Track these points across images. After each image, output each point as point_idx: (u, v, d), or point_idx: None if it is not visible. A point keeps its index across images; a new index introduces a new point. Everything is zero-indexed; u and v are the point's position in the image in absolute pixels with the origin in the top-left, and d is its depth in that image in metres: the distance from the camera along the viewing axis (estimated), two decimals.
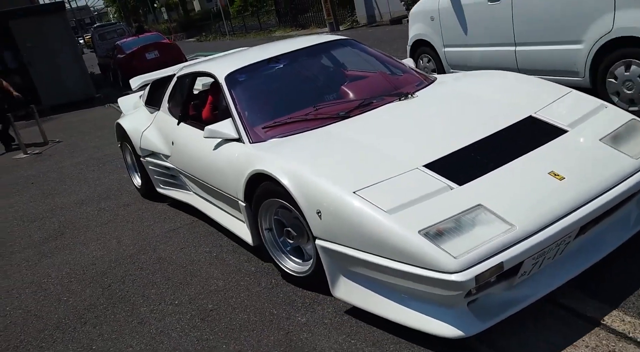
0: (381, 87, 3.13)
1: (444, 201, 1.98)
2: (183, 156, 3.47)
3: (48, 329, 2.70)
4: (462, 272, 1.74)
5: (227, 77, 3.12)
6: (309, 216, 2.21)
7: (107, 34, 19.79)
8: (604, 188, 2.04)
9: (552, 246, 1.90)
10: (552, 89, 2.74)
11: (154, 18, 45.63)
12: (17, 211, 4.83)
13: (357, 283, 2.14)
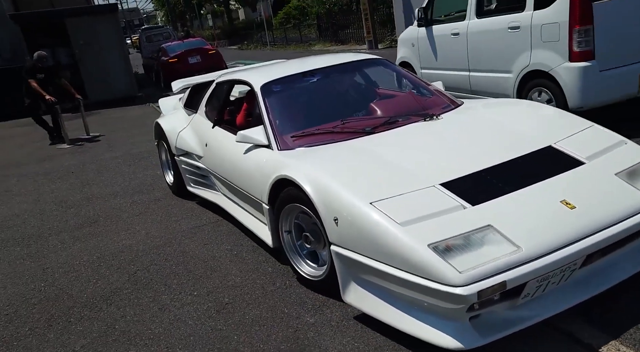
0: (408, 107, 3.28)
1: (456, 218, 2.10)
2: (215, 158, 3.68)
3: (77, 306, 2.91)
4: (466, 287, 1.84)
5: (263, 86, 3.32)
6: (327, 222, 2.35)
7: (154, 37, 20.57)
8: (614, 220, 2.11)
9: (556, 271, 1.99)
10: (575, 122, 2.85)
11: (200, 24, 47.01)
12: (56, 197, 5.14)
13: (366, 290, 2.26)
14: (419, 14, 6.10)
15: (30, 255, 3.76)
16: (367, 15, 17.28)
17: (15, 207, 4.99)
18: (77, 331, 2.66)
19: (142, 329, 2.59)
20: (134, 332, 2.57)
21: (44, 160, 7.01)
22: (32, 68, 7.77)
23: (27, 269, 3.51)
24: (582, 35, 4.10)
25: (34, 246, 3.91)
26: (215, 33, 38.21)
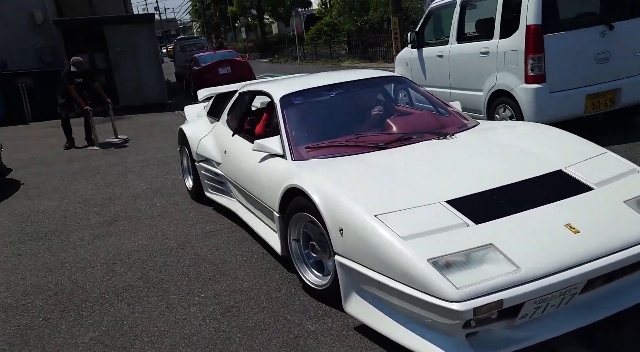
0: (423, 125, 3.34)
1: (458, 235, 2.12)
2: (232, 165, 3.78)
3: (89, 300, 3.02)
4: (462, 303, 1.85)
5: (282, 98, 3.42)
6: (332, 233, 2.40)
7: (187, 47, 21.13)
8: (618, 247, 2.09)
9: (555, 293, 1.98)
10: (588, 148, 2.84)
11: (233, 36, 48.07)
12: (81, 196, 5.32)
13: (367, 301, 2.28)
14: (411, 37, 6.73)
15: (50, 249, 3.90)
16: (396, 34, 17.38)
17: (42, 203, 5.19)
18: (87, 324, 2.75)
19: (149, 326, 2.66)
20: (141, 329, 2.65)
21: (73, 160, 7.26)
22: (70, 73, 8.06)
23: (46, 263, 3.64)
24: (535, 62, 4.82)
25: (55, 241, 4.06)
26: (248, 46, 38.99)
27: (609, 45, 4.99)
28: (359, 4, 24.28)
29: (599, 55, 4.99)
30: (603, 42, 4.98)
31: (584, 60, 4.95)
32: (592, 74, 4.98)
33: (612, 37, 4.98)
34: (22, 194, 5.63)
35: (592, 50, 4.96)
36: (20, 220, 4.70)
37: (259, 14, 39.49)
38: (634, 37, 5.11)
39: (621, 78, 5.05)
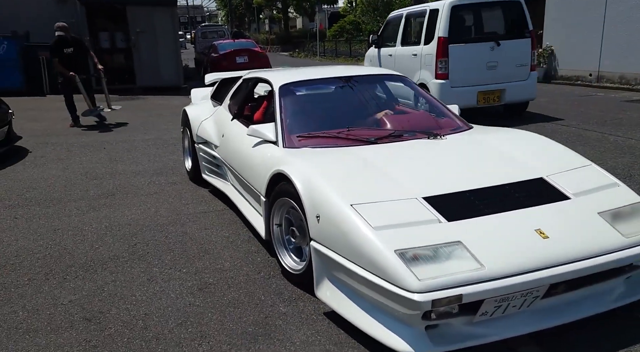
0: (416, 124, 3.40)
1: (429, 231, 2.18)
2: (228, 148, 3.86)
3: (75, 266, 3.10)
4: (422, 294, 1.91)
5: (281, 87, 3.48)
6: (310, 219, 2.47)
7: (209, 34, 21.30)
8: (584, 256, 2.13)
9: (517, 294, 2.03)
10: (573, 159, 2.89)
11: (257, 27, 48.20)
12: (84, 168, 5.43)
13: (337, 288, 2.36)
14: (372, 39, 8.90)
15: (46, 215, 4.00)
16: None
17: (46, 172, 5.31)
18: (69, 288, 2.83)
19: (127, 295, 2.74)
20: (120, 296, 2.72)
21: (82, 134, 7.39)
22: (57, 43, 7.38)
23: (40, 227, 3.74)
24: (442, 64, 6.82)
25: (52, 208, 4.17)
26: (270, 38, 39.08)
27: (497, 57, 7.04)
28: (383, 5, 24.23)
29: (489, 64, 7.03)
30: (492, 54, 7.02)
31: (478, 66, 6.95)
32: (484, 77, 6.97)
33: (499, 51, 7.02)
34: (28, 162, 5.76)
35: (484, 59, 7.00)
36: (22, 186, 4.82)
37: (284, 7, 39.57)
38: (515, 53, 7.16)
39: (505, 82, 7.08)
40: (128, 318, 2.50)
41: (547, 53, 12.68)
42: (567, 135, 6.34)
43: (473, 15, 7.37)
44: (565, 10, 12.31)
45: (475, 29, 7.35)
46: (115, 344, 2.30)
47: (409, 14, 7.97)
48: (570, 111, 8.14)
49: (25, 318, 2.53)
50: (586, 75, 11.79)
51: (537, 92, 7.62)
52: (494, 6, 7.48)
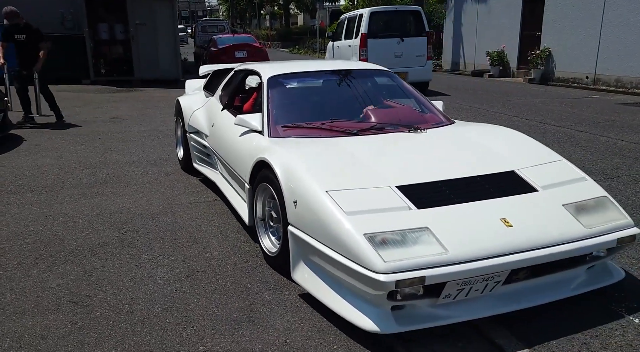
0: (399, 118, 3.47)
1: (399, 217, 2.28)
2: (217, 138, 3.93)
3: (64, 251, 3.13)
4: (386, 275, 2.01)
5: (270, 78, 3.56)
6: (288, 204, 2.56)
7: (209, 28, 21.25)
8: (544, 244, 2.24)
9: (478, 278, 2.13)
10: (546, 154, 2.98)
11: (258, 23, 48.11)
12: (79, 157, 5.45)
13: (312, 271, 2.46)
14: (328, 34, 13.77)
15: (39, 202, 4.03)
16: None
17: (40, 160, 5.33)
18: (58, 272, 2.86)
19: (115, 280, 2.77)
20: (107, 281, 2.76)
21: (78, 124, 7.40)
22: (8, 28, 6.71)
23: (32, 213, 3.77)
24: (363, 52, 10.04)
25: (44, 195, 4.19)
26: (270, 34, 39.02)
27: (401, 49, 10.36)
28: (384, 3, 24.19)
29: (396, 53, 10.28)
30: (398, 47, 10.34)
31: (388, 54, 10.10)
32: (392, 62, 9.50)
33: (403, 45, 10.35)
34: (22, 149, 5.77)
35: (392, 50, 10.27)
36: (16, 173, 4.84)
37: (285, 3, 39.52)
38: (415, 47, 10.45)
39: (408, 67, 10.15)
40: (115, 302, 2.54)
41: (544, 55, 12.74)
42: (559, 135, 6.39)
43: (386, 19, 10.86)
44: (563, 12, 12.36)
45: (386, 28, 10.66)
46: (101, 326, 2.33)
47: (348, 18, 11.51)
48: (564, 112, 8.20)
49: (12, 300, 2.56)
50: (583, 78, 11.85)
51: (533, 93, 8.24)
52: (400, 13, 11.09)
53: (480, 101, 9.67)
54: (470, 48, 16.11)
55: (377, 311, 2.16)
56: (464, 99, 9.96)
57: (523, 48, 13.82)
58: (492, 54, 14.47)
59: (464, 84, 12.96)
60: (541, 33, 13.07)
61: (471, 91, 11.34)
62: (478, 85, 12.64)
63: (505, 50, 14.37)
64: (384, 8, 11.27)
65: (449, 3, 17.21)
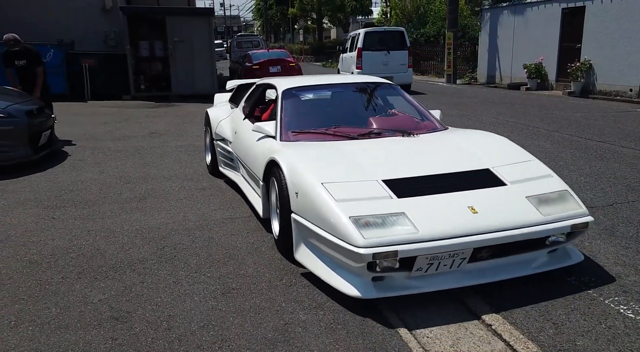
0: (396, 125, 3.94)
1: (381, 204, 2.73)
2: (239, 143, 4.43)
3: (105, 266, 3.23)
4: (365, 248, 2.47)
5: (285, 90, 4.07)
6: (291, 195, 3.03)
7: (244, 43, 21.70)
8: (503, 228, 2.65)
9: (444, 254, 2.56)
10: (521, 155, 3.40)
11: (291, 38, 48.82)
12: (119, 172, 5.63)
13: (310, 251, 2.93)
14: (339, 48, 17.19)
15: (82, 217, 4.17)
16: (450, 50, 17.23)
17: (83, 175, 5.53)
18: (99, 287, 2.95)
19: (153, 296, 2.83)
20: (146, 297, 2.82)
21: (119, 139, 7.66)
22: (7, 54, 6.81)
23: (75, 228, 3.91)
24: (359, 61, 13.86)
25: (87, 210, 4.34)
26: (304, 48, 39.48)
27: (388, 59, 13.79)
28: (417, 16, 24.16)
29: (384, 62, 13.62)
30: (385, 57, 13.77)
31: (378, 63, 13.48)
32: (381, 69, 12.78)
33: (389, 56, 13.81)
34: (67, 165, 6.01)
35: (381, 60, 13.69)
36: (61, 187, 5.03)
37: (318, 18, 39.96)
38: (398, 58, 13.88)
39: (393, 73, 12.60)
40: (153, 319, 2.59)
41: (585, 67, 12.40)
42: (602, 151, 6.18)
43: (377, 37, 14.43)
44: (604, 24, 12.02)
45: (377, 44, 14.13)
46: (140, 343, 2.38)
47: (352, 36, 15.43)
48: (606, 127, 7.93)
49: (57, 314, 2.65)
50: (626, 91, 11.45)
51: (573, 107, 8.62)
52: (388, 33, 14.99)
53: (518, 115, 9.47)
54: (507, 61, 15.85)
55: (361, 281, 2.61)
56: (501, 114, 9.78)
57: (562, 60, 13.50)
58: (530, 67, 14.18)
59: (501, 98, 12.73)
60: (581, 45, 12.74)
61: (508, 105, 11.13)
62: (515, 99, 12.39)
63: (544, 63, 14.07)
64: (375, 29, 15.88)
65: (484, 15, 17.01)
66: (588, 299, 2.74)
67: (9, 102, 5.75)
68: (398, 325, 2.51)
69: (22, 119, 5.60)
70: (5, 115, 5.48)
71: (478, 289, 2.76)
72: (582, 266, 3.05)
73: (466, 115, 9.53)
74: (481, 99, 12.33)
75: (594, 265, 3.14)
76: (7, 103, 5.69)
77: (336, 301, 2.73)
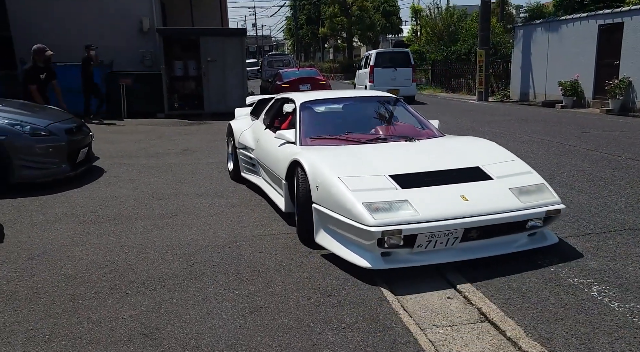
0: (400, 132, 4.60)
1: (388, 193, 3.32)
2: (262, 150, 5.01)
3: (136, 282, 3.27)
4: (375, 227, 3.04)
5: (302, 103, 4.71)
6: (312, 188, 3.59)
7: (275, 63, 22.07)
8: (489, 212, 3.24)
9: (440, 233, 3.14)
10: (506, 156, 4.00)
11: (321, 56, 49.38)
12: (152, 189, 5.74)
13: (328, 234, 3.50)
14: (355, 65, 21.85)
15: (115, 232, 4.26)
16: (481, 67, 17.05)
17: (117, 191, 5.67)
18: (130, 303, 2.98)
19: (182, 313, 2.84)
20: (175, 314, 2.83)
21: (153, 156, 7.84)
22: (33, 69, 6.78)
23: (108, 243, 3.98)
24: (371, 76, 16.75)
25: (120, 226, 4.43)
26: (334, 66, 39.83)
27: (395, 75, 16.66)
28: (448, 34, 24.10)
29: (391, 78, 16.51)
30: (393, 73, 16.64)
31: (387, 78, 16.44)
32: (390, 83, 16.05)
33: (397, 72, 16.67)
34: (103, 181, 6.17)
35: (390, 76, 16.59)
36: (96, 203, 5.16)
37: (348, 36, 40.35)
38: (404, 74, 16.86)
39: (399, 86, 15.98)
40: (182, 336, 2.59)
41: (624, 84, 12.05)
42: None
43: (387, 56, 17.22)
44: None
45: (387, 62, 16.85)
46: None
47: (366, 55, 18.08)
48: None
49: (89, 329, 2.68)
50: None
51: (612, 125, 8.95)
52: (396, 53, 17.73)
53: (553, 133, 9.24)
54: (540, 78, 15.57)
55: (371, 255, 3.20)
56: (535, 132, 9.56)
57: (599, 77, 13.16)
58: (565, 84, 13.88)
59: (535, 115, 12.47)
60: (619, 62, 12.41)
61: (542, 123, 10.88)
62: (550, 117, 12.12)
63: (579, 80, 13.74)
64: (385, 50, 19.43)
65: (517, 33, 16.81)
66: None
67: (50, 120, 5.98)
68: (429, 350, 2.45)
69: (62, 137, 5.80)
70: (46, 133, 5.69)
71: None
72: None
73: (499, 133, 9.36)
74: (515, 117, 12.10)
75: None
76: (49, 121, 5.91)
77: (364, 322, 2.68)
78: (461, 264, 3.36)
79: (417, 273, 3.30)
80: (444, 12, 26.41)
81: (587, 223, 4.22)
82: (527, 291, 3.05)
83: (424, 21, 28.08)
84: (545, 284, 3.14)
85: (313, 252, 3.71)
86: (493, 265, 3.38)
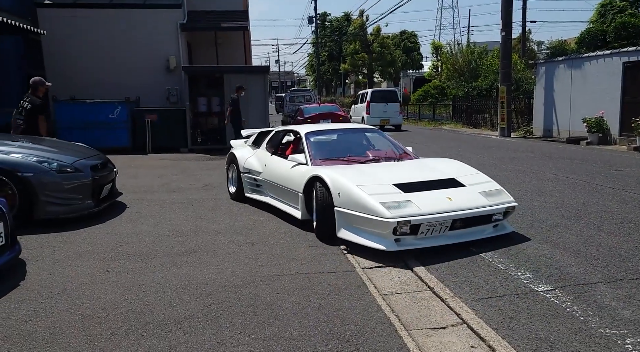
0: (386, 155, 6.04)
1: (395, 196, 4.59)
2: (272, 172, 6.17)
3: (153, 323, 3.23)
4: (392, 219, 4.27)
5: (306, 133, 6.09)
6: (334, 195, 4.74)
7: (296, 98, 22.47)
8: (467, 209, 4.57)
9: (435, 224, 4.42)
10: (470, 170, 5.49)
11: (342, 91, 50.07)
12: (172, 225, 5.78)
13: (347, 230, 4.70)
14: (352, 101, 27.15)
15: (134, 270, 4.26)
16: (503, 103, 17.00)
17: (138, 227, 5.71)
18: (145, 346, 2.94)
19: None
20: None
21: (174, 191, 7.93)
22: (42, 104, 7.15)
23: (127, 282, 3.98)
24: (368, 110, 21.75)
25: (139, 264, 4.43)
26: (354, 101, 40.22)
27: (386, 109, 21.78)
28: (469, 70, 24.24)
29: (383, 110, 21.64)
30: (385, 107, 21.76)
31: (380, 111, 21.61)
32: (382, 115, 21.51)
33: (387, 107, 21.79)
34: (125, 216, 6.24)
35: (382, 109, 21.70)
36: (118, 239, 5.20)
37: (369, 73, 40.90)
38: (393, 107, 22.04)
39: (389, 117, 21.68)
40: None
41: None
42: None
43: (380, 94, 22.30)
44: None
45: (379, 98, 21.69)
46: None
47: (362, 93, 23.47)
48: None
49: None
50: None
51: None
52: (386, 92, 23.48)
53: (578, 171, 9.04)
54: (564, 114, 15.42)
55: (385, 241, 4.40)
56: (560, 169, 9.38)
57: (625, 114, 12.97)
58: (590, 121, 13.70)
59: (559, 152, 12.27)
60: None
61: (567, 160, 10.68)
62: (575, 154, 11.91)
63: (604, 117, 13.55)
64: (378, 89, 25.22)
65: (539, 69, 16.80)
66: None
67: (76, 157, 6.12)
68: None
69: (87, 174, 5.92)
70: (72, 170, 5.82)
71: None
72: None
73: (522, 171, 9.21)
74: (538, 154, 11.93)
75: None
76: (75, 158, 6.05)
77: None
78: (488, 317, 3.30)
79: (438, 316, 3.31)
80: (465, 49, 26.66)
81: (618, 268, 4.05)
82: (555, 342, 2.91)
83: (445, 57, 28.36)
84: (575, 335, 2.98)
85: (331, 294, 3.63)
86: (521, 312, 3.32)
